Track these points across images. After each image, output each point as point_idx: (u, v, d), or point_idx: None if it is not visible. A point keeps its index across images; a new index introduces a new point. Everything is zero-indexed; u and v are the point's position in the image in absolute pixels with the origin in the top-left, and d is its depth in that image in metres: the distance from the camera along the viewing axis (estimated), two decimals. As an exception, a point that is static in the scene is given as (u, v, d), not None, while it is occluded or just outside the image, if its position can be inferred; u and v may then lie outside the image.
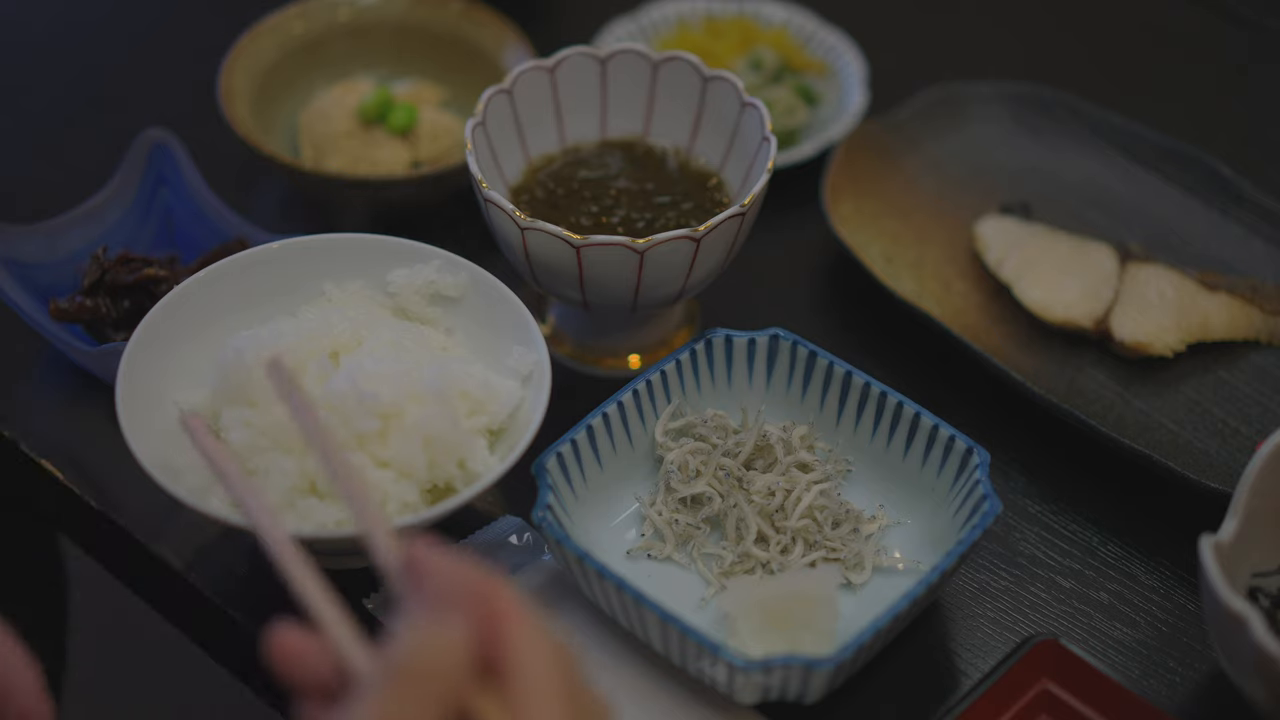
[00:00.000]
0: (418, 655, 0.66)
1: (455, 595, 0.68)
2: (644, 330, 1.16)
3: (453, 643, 0.67)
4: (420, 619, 0.68)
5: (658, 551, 1.03)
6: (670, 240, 1.02)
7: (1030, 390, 1.11)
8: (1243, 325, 1.19)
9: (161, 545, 1.05)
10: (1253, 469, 0.95)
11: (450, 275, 1.05)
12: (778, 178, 1.25)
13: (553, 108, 1.16)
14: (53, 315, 1.12)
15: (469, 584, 0.68)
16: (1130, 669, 1.00)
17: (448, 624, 0.67)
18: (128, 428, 0.93)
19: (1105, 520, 1.08)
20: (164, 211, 1.21)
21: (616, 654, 0.98)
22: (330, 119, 1.27)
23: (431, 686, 0.66)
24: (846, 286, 1.25)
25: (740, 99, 1.12)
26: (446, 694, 0.66)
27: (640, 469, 1.06)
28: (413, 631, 0.67)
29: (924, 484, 1.03)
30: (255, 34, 1.31)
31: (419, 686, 0.66)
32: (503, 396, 1.00)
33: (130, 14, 1.49)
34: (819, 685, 0.91)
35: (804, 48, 1.41)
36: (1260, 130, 1.41)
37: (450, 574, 0.69)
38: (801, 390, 1.07)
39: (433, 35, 1.36)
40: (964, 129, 1.33)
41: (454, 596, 0.68)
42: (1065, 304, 1.18)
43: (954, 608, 1.03)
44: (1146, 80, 1.45)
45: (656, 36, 1.41)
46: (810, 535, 1.02)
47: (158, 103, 1.38)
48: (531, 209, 1.12)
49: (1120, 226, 1.28)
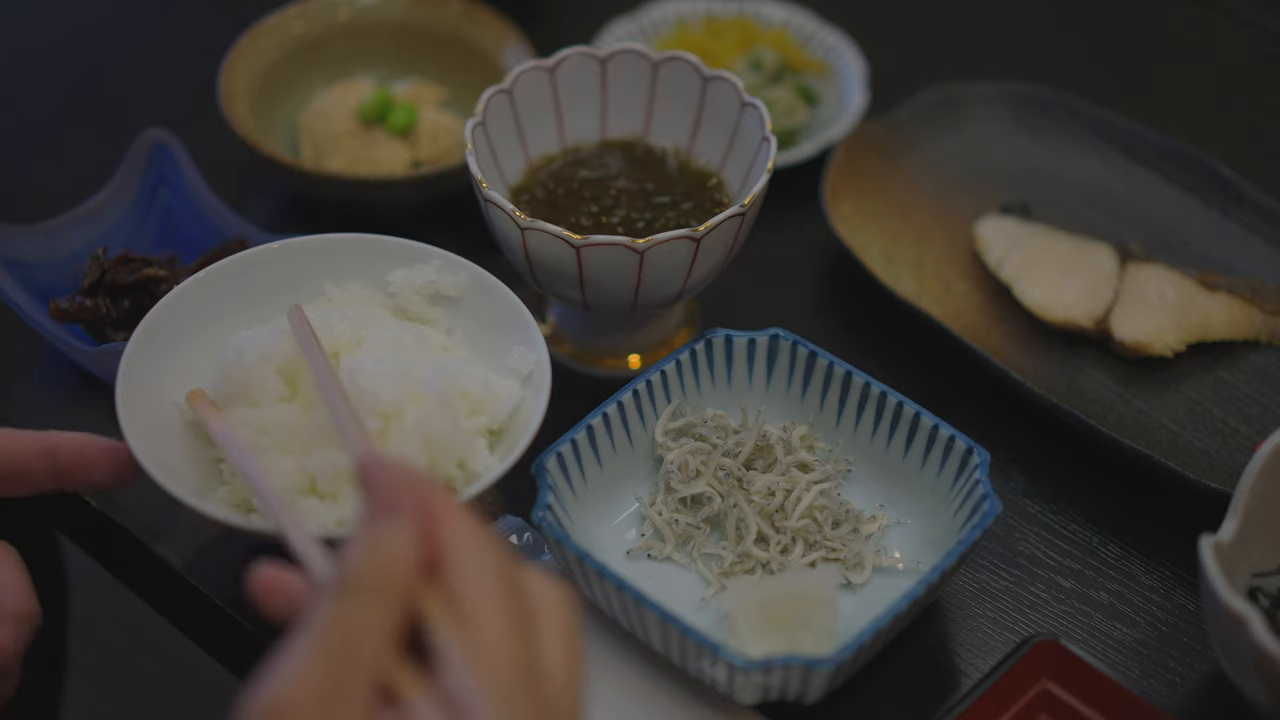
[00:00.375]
0: (366, 564, 0.68)
1: (398, 500, 0.70)
2: (644, 330, 1.16)
3: (399, 548, 0.69)
4: (368, 527, 0.70)
5: (658, 551, 1.03)
6: (670, 240, 1.02)
7: (1030, 390, 1.11)
8: (1243, 325, 1.19)
9: (161, 545, 1.05)
10: (1253, 469, 0.95)
11: (450, 275, 1.05)
12: (778, 178, 1.25)
13: (553, 108, 1.16)
14: (53, 315, 1.12)
15: (409, 488, 0.70)
16: (1130, 669, 1.00)
17: (392, 530, 0.69)
18: (128, 428, 0.93)
19: (1105, 520, 1.08)
20: (164, 211, 1.21)
21: (616, 654, 0.98)
22: (330, 119, 1.27)
23: (382, 593, 0.68)
24: (846, 286, 1.25)
25: (740, 99, 1.12)
26: (397, 597, 0.68)
27: (640, 469, 1.06)
28: (360, 541, 0.69)
29: (924, 484, 1.03)
30: (255, 34, 1.31)
31: (370, 594, 0.67)
32: (503, 396, 1.00)
33: (130, 14, 1.49)
34: (819, 685, 0.91)
35: (804, 48, 1.41)
36: (1260, 130, 1.41)
37: (391, 479, 0.71)
38: (801, 390, 1.07)
39: (433, 35, 1.36)
40: (964, 129, 1.33)
41: (398, 502, 0.70)
42: (1065, 304, 1.18)
43: (954, 608, 1.03)
44: (1146, 80, 1.45)
45: (656, 36, 1.41)
46: (810, 535, 1.02)
47: (158, 103, 1.38)
48: (531, 209, 1.12)
49: (1120, 226, 1.28)
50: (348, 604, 0.67)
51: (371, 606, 0.67)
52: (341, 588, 0.68)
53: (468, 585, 0.68)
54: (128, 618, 1.88)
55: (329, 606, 0.67)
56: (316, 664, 0.65)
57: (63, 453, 0.93)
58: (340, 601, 0.67)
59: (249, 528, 0.91)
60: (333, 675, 0.65)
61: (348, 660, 0.66)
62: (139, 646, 1.96)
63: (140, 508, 1.07)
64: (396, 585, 0.68)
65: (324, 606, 0.67)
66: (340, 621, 0.67)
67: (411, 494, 0.70)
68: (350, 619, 0.67)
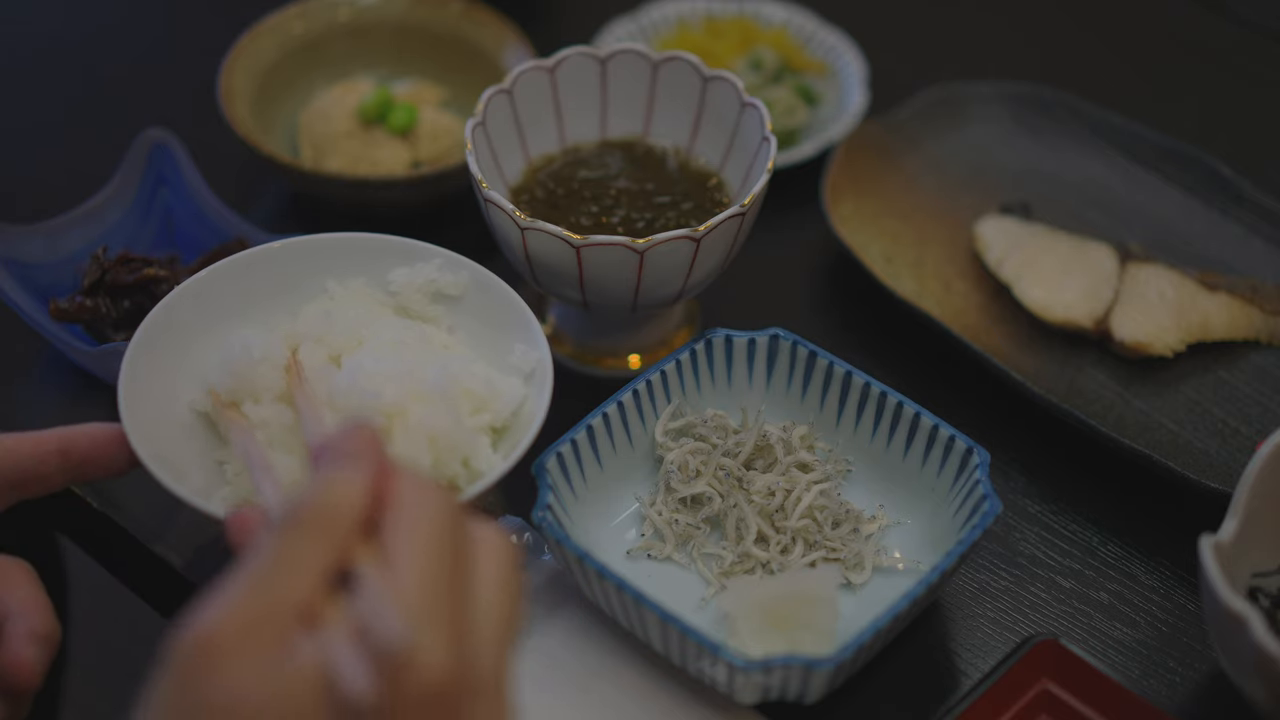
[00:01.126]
0: (311, 503, 0.69)
1: (356, 450, 0.71)
2: (644, 330, 1.16)
3: (347, 494, 0.69)
4: (320, 470, 0.71)
5: (658, 551, 1.03)
6: (670, 240, 1.02)
7: (1030, 390, 1.11)
8: (1243, 325, 1.19)
9: (161, 545, 1.05)
10: (1253, 469, 0.95)
11: (451, 274, 1.05)
12: (778, 178, 1.25)
13: (553, 108, 1.16)
14: (53, 315, 1.12)
15: (367, 442, 0.71)
16: (1130, 669, 1.00)
17: (345, 475, 0.70)
18: (130, 428, 0.93)
19: (1105, 520, 1.08)
20: (164, 211, 1.21)
21: (616, 654, 0.98)
22: (330, 119, 1.27)
23: (321, 532, 0.68)
24: (846, 286, 1.25)
25: (740, 99, 1.12)
26: (336, 540, 0.68)
27: (640, 469, 1.06)
28: (311, 481, 0.70)
29: (924, 484, 1.03)
30: (255, 34, 1.31)
31: (309, 530, 0.68)
32: (505, 394, 1.00)
33: (130, 14, 1.49)
34: (819, 685, 0.91)
35: (804, 48, 1.41)
36: (1260, 130, 1.41)
37: (352, 432, 0.72)
38: (801, 390, 1.07)
39: (433, 35, 1.36)
40: (964, 129, 1.33)
41: (355, 451, 0.71)
42: (1065, 304, 1.18)
43: (954, 608, 1.03)
44: (1146, 80, 1.45)
45: (656, 36, 1.41)
46: (810, 535, 1.02)
47: (158, 103, 1.38)
48: (531, 209, 1.12)
49: (1120, 226, 1.28)
50: (284, 538, 0.68)
51: (308, 543, 0.68)
52: (282, 523, 0.68)
53: (399, 534, 0.69)
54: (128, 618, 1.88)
55: (266, 539, 0.68)
56: (244, 594, 0.66)
57: (77, 449, 0.94)
58: (278, 535, 0.68)
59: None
60: (258, 605, 0.66)
61: (275, 591, 0.66)
62: (139, 647, 1.96)
63: (140, 508, 1.07)
64: (338, 528, 0.69)
65: (262, 539, 0.68)
66: (274, 554, 0.67)
67: (369, 448, 0.71)
68: (284, 553, 0.67)
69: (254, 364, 0.97)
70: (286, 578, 0.67)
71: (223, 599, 0.66)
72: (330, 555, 0.68)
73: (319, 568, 0.68)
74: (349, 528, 0.69)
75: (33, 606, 0.92)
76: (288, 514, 0.69)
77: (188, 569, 1.04)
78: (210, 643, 0.65)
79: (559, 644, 0.98)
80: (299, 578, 0.67)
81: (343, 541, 0.69)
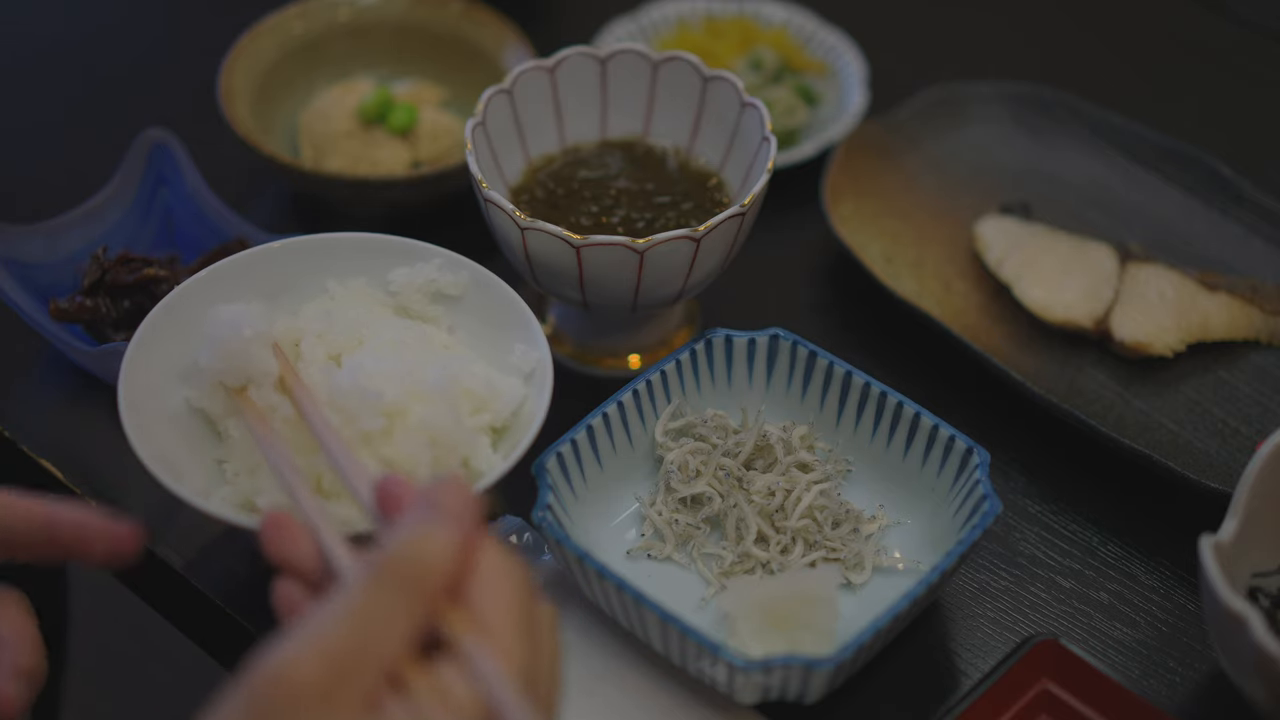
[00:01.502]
0: (408, 557, 0.67)
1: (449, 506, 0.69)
2: (644, 330, 1.16)
3: (442, 553, 0.68)
4: (411, 523, 0.69)
5: (658, 551, 1.03)
6: (670, 240, 1.02)
7: (1030, 390, 1.11)
8: (1243, 325, 1.19)
9: (161, 545, 1.05)
10: (1253, 469, 0.95)
11: (451, 274, 1.05)
12: (778, 178, 1.25)
13: (553, 108, 1.16)
14: (53, 315, 1.12)
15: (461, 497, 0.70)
16: (1130, 669, 1.00)
17: (441, 532, 0.68)
18: (130, 428, 0.93)
19: (1105, 520, 1.08)
20: (164, 211, 1.21)
21: (616, 654, 0.98)
22: (330, 119, 1.27)
23: (416, 591, 0.67)
24: (846, 286, 1.25)
25: (740, 99, 1.12)
26: (427, 599, 0.67)
27: (640, 469, 1.06)
28: (406, 533, 0.68)
29: (924, 484, 1.03)
30: (255, 34, 1.31)
31: (403, 586, 0.66)
32: (505, 394, 1.00)
33: (131, 15, 1.49)
34: (819, 685, 0.91)
35: (804, 48, 1.41)
36: (1260, 130, 1.41)
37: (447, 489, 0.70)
38: (801, 390, 1.07)
39: (433, 35, 1.36)
40: (964, 129, 1.33)
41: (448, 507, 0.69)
42: (1065, 304, 1.18)
43: (954, 608, 1.03)
44: (1146, 80, 1.45)
45: (656, 36, 1.41)
46: (810, 535, 1.02)
47: (158, 103, 1.38)
48: (531, 209, 1.12)
49: (1120, 226, 1.28)
50: (380, 593, 0.66)
51: (402, 599, 0.66)
52: (379, 574, 0.67)
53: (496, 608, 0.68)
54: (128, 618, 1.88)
55: (361, 590, 0.66)
56: (333, 644, 0.64)
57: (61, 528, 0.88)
58: (374, 588, 0.66)
59: (251, 528, 0.91)
60: (346, 659, 0.64)
61: (365, 649, 0.65)
62: (139, 647, 1.96)
63: (140, 508, 1.07)
64: (431, 587, 0.67)
65: (356, 588, 0.66)
66: (369, 606, 0.65)
67: (468, 508, 0.70)
68: (380, 607, 0.66)
69: (245, 343, 0.95)
70: (380, 631, 0.65)
71: (313, 641, 0.64)
72: (421, 615, 0.67)
73: (411, 626, 0.66)
74: (440, 588, 0.68)
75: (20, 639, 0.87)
76: (385, 565, 0.67)
77: (188, 569, 1.04)
78: (297, 686, 0.63)
79: (559, 644, 0.98)
80: (392, 633, 0.66)
81: (433, 602, 0.67)
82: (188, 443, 0.98)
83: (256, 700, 0.63)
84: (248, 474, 0.96)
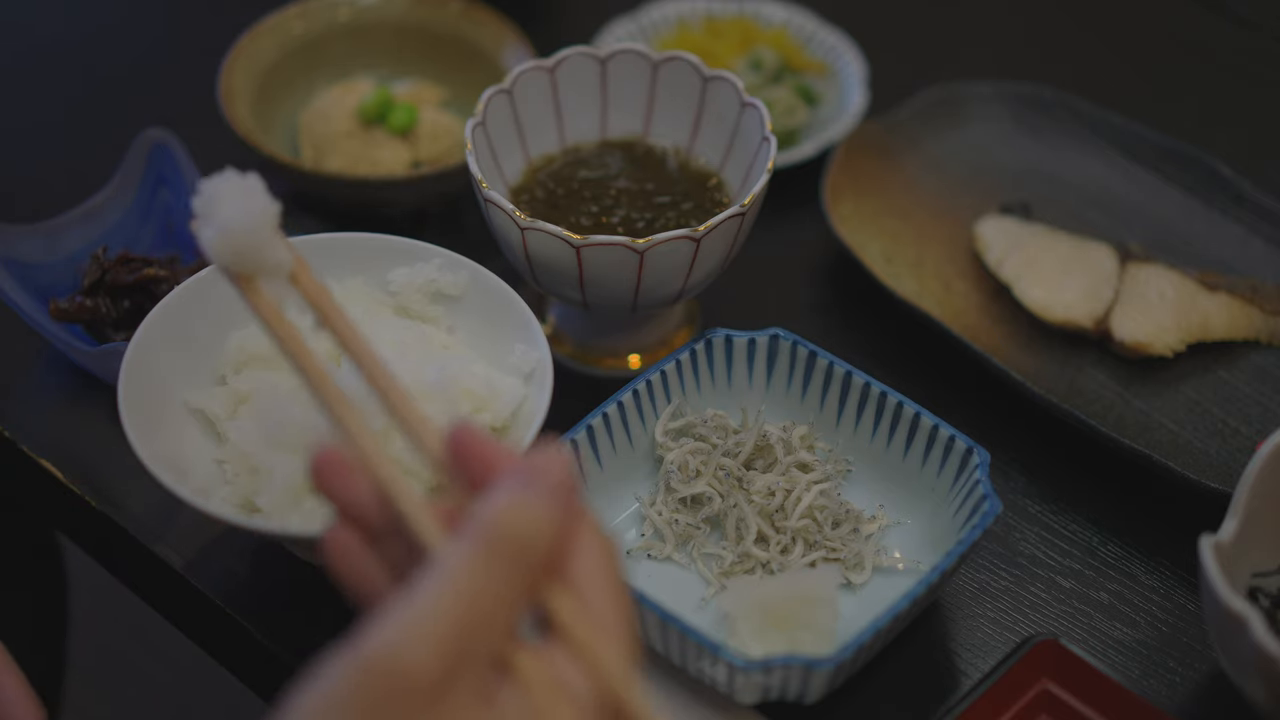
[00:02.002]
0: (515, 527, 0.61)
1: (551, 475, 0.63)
2: (644, 330, 1.16)
3: (547, 522, 0.62)
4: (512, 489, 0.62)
5: (658, 551, 1.03)
6: (670, 240, 1.02)
7: (1030, 390, 1.11)
8: (1243, 325, 1.19)
9: (161, 545, 1.05)
10: (1253, 469, 0.95)
11: (451, 274, 1.05)
12: (778, 178, 1.25)
13: (553, 108, 1.16)
14: (53, 315, 1.12)
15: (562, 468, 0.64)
16: (1130, 669, 1.00)
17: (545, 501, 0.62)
18: (131, 428, 0.93)
19: (1105, 520, 1.08)
20: (164, 211, 1.21)
21: (616, 654, 0.98)
22: (330, 119, 1.27)
23: (524, 562, 0.61)
24: (846, 286, 1.25)
25: (740, 99, 1.12)
26: (531, 576, 0.61)
27: (640, 469, 1.06)
28: (504, 498, 0.62)
29: (924, 484, 1.03)
30: (255, 34, 1.31)
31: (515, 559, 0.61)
32: (506, 394, 1.00)
33: (131, 14, 1.49)
34: (819, 685, 0.91)
35: (804, 48, 1.41)
36: (1260, 130, 1.41)
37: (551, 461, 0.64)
38: (801, 390, 1.07)
39: (433, 35, 1.36)
40: (964, 129, 1.33)
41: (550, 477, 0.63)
42: (1065, 304, 1.18)
43: (954, 608, 1.03)
44: (1146, 80, 1.45)
45: (656, 36, 1.41)
46: (810, 535, 1.02)
47: (158, 103, 1.38)
48: (531, 209, 1.12)
49: (1120, 226, 1.28)
50: (491, 564, 0.60)
51: (513, 572, 0.60)
52: (487, 544, 0.60)
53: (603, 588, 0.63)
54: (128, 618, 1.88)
55: (469, 563, 0.60)
56: (445, 627, 0.58)
57: None
58: (483, 559, 0.60)
59: (251, 527, 0.91)
60: (460, 644, 0.58)
61: (477, 632, 0.59)
62: (139, 646, 1.96)
63: (140, 508, 1.07)
64: (538, 559, 0.62)
65: (462, 561, 0.60)
66: (480, 583, 0.59)
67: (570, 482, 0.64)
68: (492, 583, 0.60)
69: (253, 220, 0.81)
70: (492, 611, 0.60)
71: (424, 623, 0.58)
72: (525, 593, 0.62)
73: (516, 605, 0.61)
74: (542, 564, 0.62)
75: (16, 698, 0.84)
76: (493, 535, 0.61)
77: (188, 569, 1.04)
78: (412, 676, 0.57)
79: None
80: (500, 614, 0.60)
81: (536, 579, 0.62)
82: (188, 443, 0.98)
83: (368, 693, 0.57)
84: (248, 474, 0.96)
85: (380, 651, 0.57)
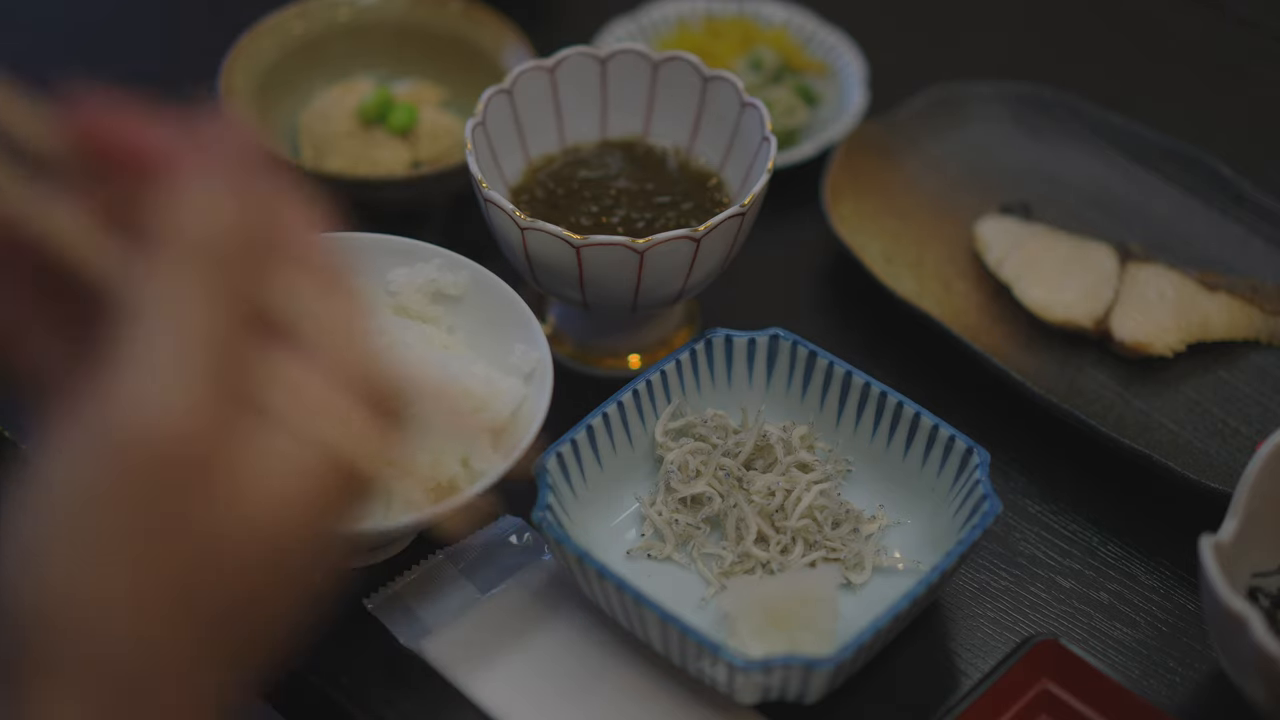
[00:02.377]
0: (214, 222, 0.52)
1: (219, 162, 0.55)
2: (644, 330, 1.16)
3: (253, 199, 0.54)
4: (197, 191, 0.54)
5: (658, 551, 1.03)
6: (670, 240, 1.02)
7: (1030, 390, 1.11)
8: (1243, 325, 1.19)
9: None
10: (1253, 469, 0.95)
11: (451, 274, 1.05)
12: (778, 178, 1.25)
13: (553, 108, 1.16)
14: (53, 315, 1.11)
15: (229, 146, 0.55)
16: (1130, 669, 1.00)
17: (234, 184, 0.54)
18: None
19: (1105, 520, 1.08)
20: (164, 211, 1.21)
21: (616, 654, 0.98)
22: (330, 119, 1.27)
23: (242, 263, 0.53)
24: (846, 286, 1.25)
25: (740, 99, 1.12)
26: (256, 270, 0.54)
27: (640, 469, 1.06)
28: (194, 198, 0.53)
29: (924, 484, 1.03)
30: (255, 34, 1.31)
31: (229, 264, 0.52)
32: (505, 394, 1.00)
33: (130, 14, 1.49)
34: (819, 685, 0.91)
35: (804, 48, 1.41)
36: (1260, 130, 1.41)
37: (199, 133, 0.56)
38: (801, 390, 1.07)
39: (433, 35, 1.36)
40: (964, 129, 1.33)
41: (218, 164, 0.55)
42: (1065, 304, 1.18)
43: (954, 608, 1.03)
44: (1146, 80, 1.45)
45: (656, 36, 1.41)
46: (810, 535, 1.02)
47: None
48: (531, 209, 1.12)
49: (1120, 226, 1.28)
50: (207, 288, 0.51)
51: (237, 286, 0.52)
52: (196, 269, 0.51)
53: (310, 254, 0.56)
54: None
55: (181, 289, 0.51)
56: (193, 374, 0.50)
57: None
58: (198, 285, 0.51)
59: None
60: (215, 382, 0.50)
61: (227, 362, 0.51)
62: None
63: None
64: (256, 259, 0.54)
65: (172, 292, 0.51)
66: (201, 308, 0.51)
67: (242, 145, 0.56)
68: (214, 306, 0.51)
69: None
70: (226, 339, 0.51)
71: (166, 381, 0.49)
72: (253, 304, 0.53)
73: (250, 322, 0.52)
74: (260, 261, 0.54)
75: None
76: (194, 259, 0.51)
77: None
78: (178, 444, 0.49)
79: (559, 645, 0.98)
80: (236, 338, 0.51)
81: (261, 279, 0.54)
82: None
83: (135, 476, 0.49)
84: None
85: (134, 426, 0.49)
